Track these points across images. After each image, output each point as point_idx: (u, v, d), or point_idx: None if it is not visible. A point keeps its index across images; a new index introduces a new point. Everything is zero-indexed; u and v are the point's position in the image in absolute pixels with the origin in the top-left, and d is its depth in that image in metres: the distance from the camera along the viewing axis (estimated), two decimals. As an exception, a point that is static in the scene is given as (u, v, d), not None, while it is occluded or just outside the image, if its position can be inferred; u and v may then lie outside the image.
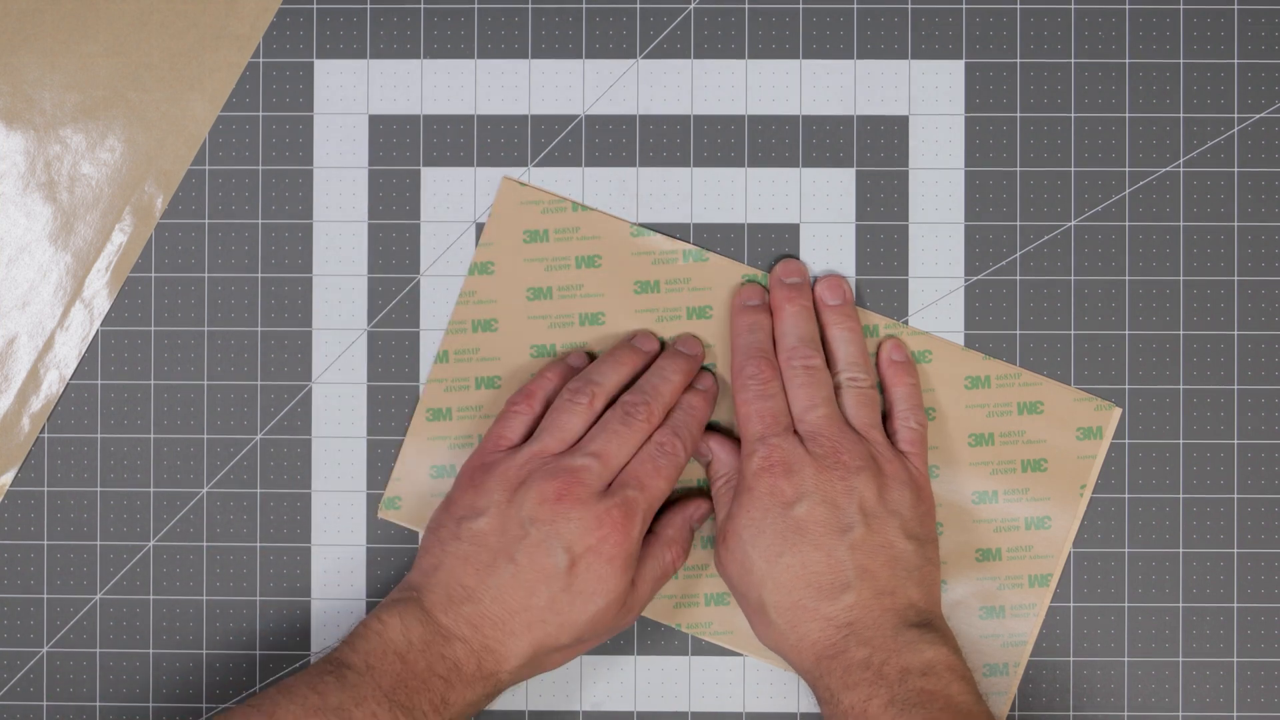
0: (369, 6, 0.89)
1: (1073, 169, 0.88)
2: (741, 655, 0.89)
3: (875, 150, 0.89)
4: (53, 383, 0.89)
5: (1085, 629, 0.88)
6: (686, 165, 0.89)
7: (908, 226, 0.89)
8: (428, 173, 0.89)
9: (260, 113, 0.89)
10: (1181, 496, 0.88)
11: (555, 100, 0.89)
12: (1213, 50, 0.88)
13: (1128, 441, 0.88)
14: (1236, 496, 0.88)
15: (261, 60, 0.89)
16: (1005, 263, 0.88)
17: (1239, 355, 0.88)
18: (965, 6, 0.89)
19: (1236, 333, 0.88)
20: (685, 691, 0.89)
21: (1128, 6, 0.88)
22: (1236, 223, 0.88)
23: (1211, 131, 0.88)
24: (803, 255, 0.89)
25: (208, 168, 0.89)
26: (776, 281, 0.88)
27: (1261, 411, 0.88)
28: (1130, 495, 0.88)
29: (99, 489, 0.89)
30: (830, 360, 0.86)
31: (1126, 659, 0.88)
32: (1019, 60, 0.88)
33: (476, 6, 0.89)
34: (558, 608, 0.80)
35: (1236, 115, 0.88)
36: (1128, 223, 0.88)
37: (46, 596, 0.89)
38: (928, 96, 0.89)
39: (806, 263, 0.88)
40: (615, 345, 0.87)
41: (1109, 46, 0.88)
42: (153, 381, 0.89)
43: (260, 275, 0.89)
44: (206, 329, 0.89)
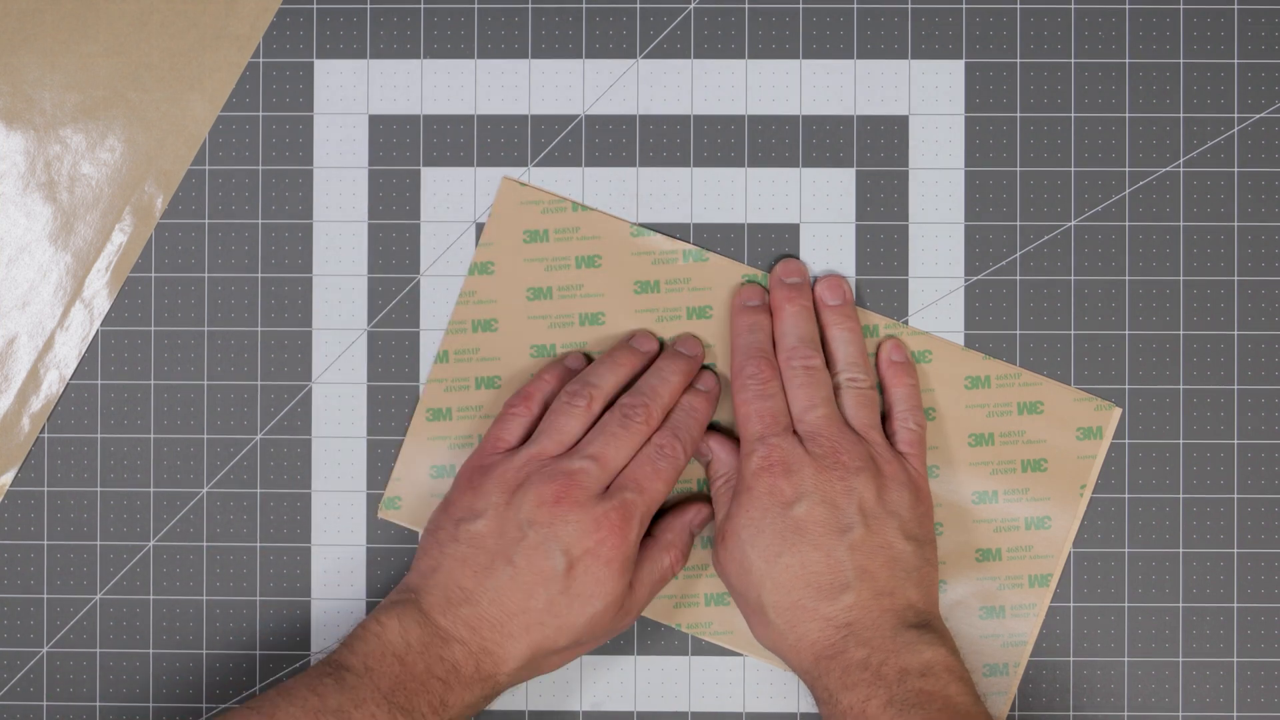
0: (369, 6, 0.89)
1: (1073, 169, 0.88)
2: (741, 655, 0.89)
3: (875, 150, 0.89)
4: (53, 383, 0.89)
5: (1085, 629, 0.88)
6: (686, 165, 0.89)
7: (908, 226, 0.89)
8: (428, 173, 0.89)
9: (260, 113, 0.89)
10: (1181, 496, 0.88)
11: (555, 100, 0.89)
12: (1213, 50, 0.88)
13: (1128, 441, 0.88)
14: (1236, 496, 0.88)
15: (261, 60, 0.89)
16: (1005, 263, 0.88)
17: (1239, 355, 0.88)
18: (965, 6, 0.88)
19: (1236, 333, 0.88)
20: (685, 691, 0.89)
21: (1128, 6, 0.88)
22: (1236, 223, 0.88)
23: (1211, 131, 0.88)
24: (803, 255, 0.89)
25: (208, 168, 0.89)
26: (776, 281, 0.87)
27: (1261, 411, 0.88)
28: (1130, 495, 0.88)
29: (99, 489, 0.89)
30: (830, 360, 0.86)
31: (1126, 659, 0.88)
32: (1019, 60, 0.88)
33: (476, 6, 0.89)
34: (556, 610, 0.80)
35: (1236, 115, 0.88)
36: (1128, 223, 0.88)
37: (46, 596, 0.89)
38: (928, 96, 0.88)
39: (806, 263, 0.88)
40: (614, 346, 0.87)
41: (1109, 46, 0.88)
42: (153, 381, 0.89)
43: (260, 275, 0.89)
44: (206, 329, 0.89)
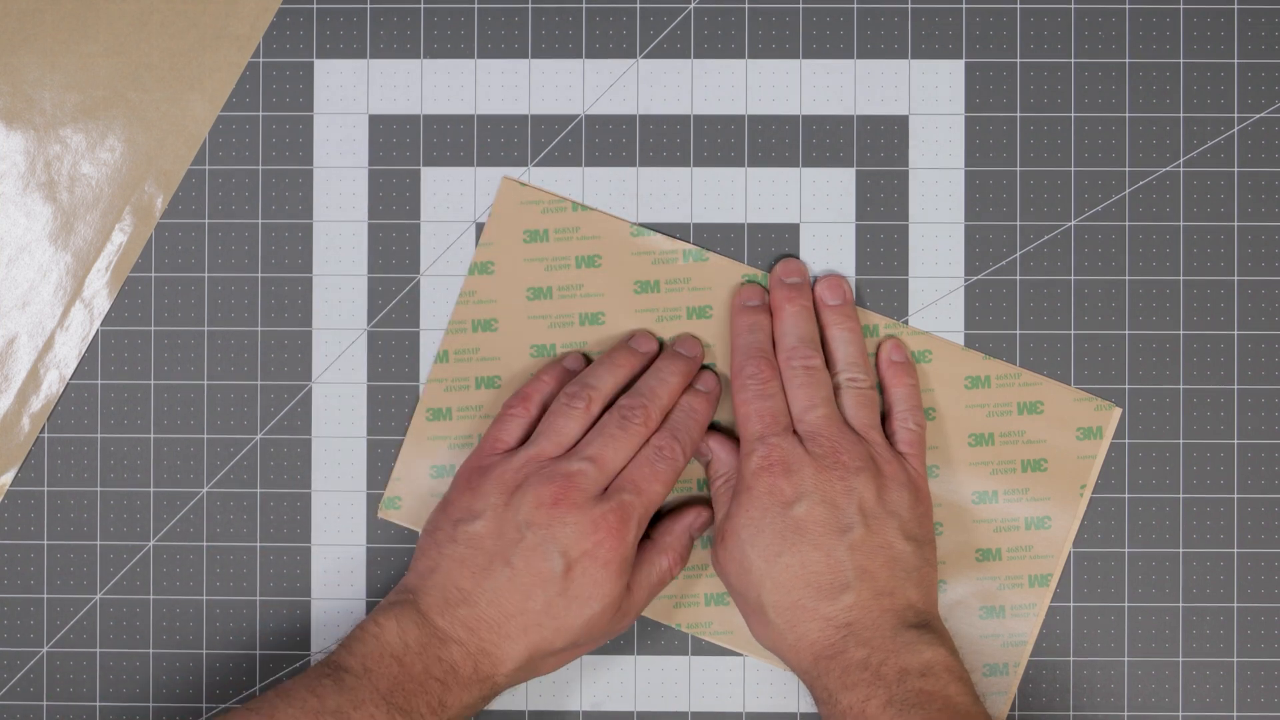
0: (369, 6, 0.89)
1: (1073, 169, 0.88)
2: (741, 655, 0.89)
3: (875, 150, 0.88)
4: (53, 383, 0.89)
5: (1085, 629, 0.88)
6: (686, 165, 0.89)
7: (908, 226, 0.88)
8: (428, 173, 0.89)
9: (260, 113, 0.89)
10: (1181, 496, 0.88)
11: (555, 100, 0.89)
12: (1213, 50, 0.88)
13: (1128, 441, 0.88)
14: (1236, 496, 0.88)
15: (261, 60, 0.89)
16: (1005, 263, 0.88)
17: (1239, 355, 0.88)
18: (965, 6, 0.88)
19: (1236, 333, 0.88)
20: (685, 691, 0.89)
21: (1128, 6, 0.88)
22: (1236, 223, 0.88)
23: (1211, 131, 0.88)
24: (803, 255, 0.89)
25: (208, 168, 0.89)
26: (776, 281, 0.87)
27: (1261, 411, 0.88)
28: (1130, 495, 0.88)
29: (99, 489, 0.89)
30: (830, 360, 0.86)
31: (1126, 659, 0.88)
32: (1019, 60, 0.88)
33: (476, 6, 0.89)
34: (553, 611, 0.80)
35: (1236, 115, 0.88)
36: (1128, 223, 0.88)
37: (46, 596, 0.89)
38: (928, 96, 0.88)
39: (806, 263, 0.88)
40: (613, 347, 0.87)
41: (1109, 46, 0.88)
42: (153, 381, 0.89)
43: (260, 275, 0.89)
44: (206, 329, 0.89)
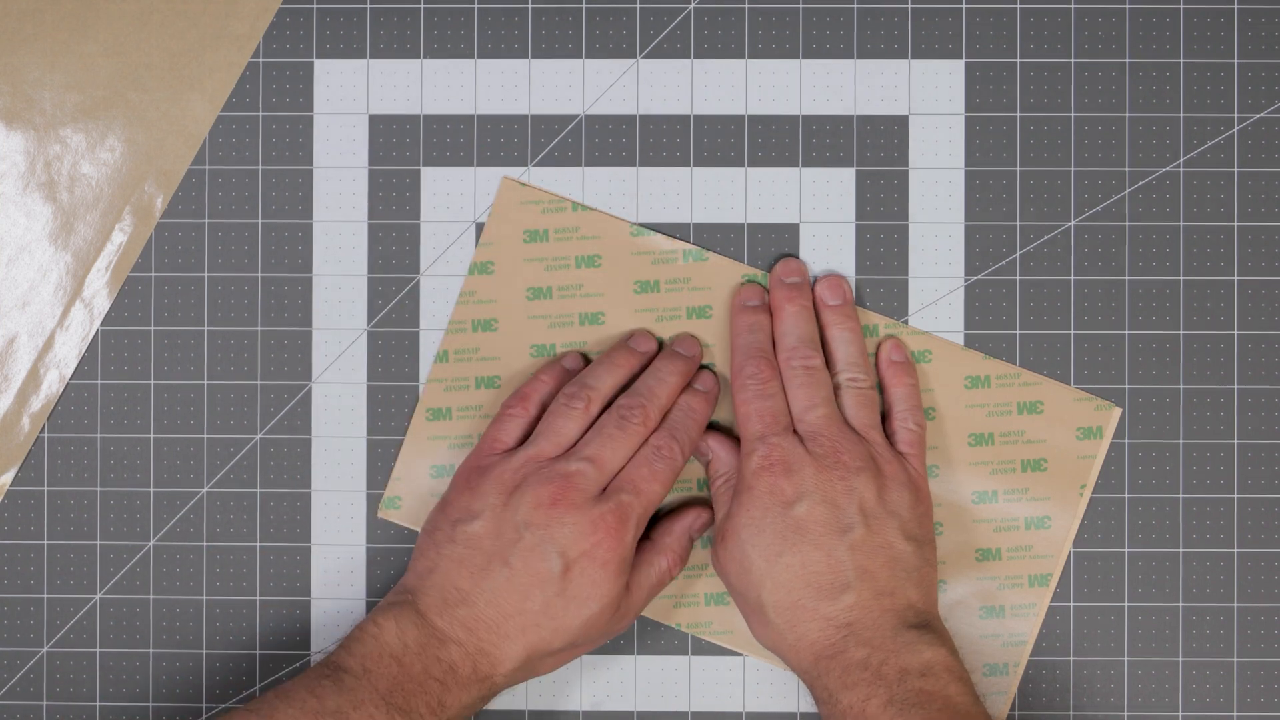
0: (369, 6, 0.89)
1: (1073, 169, 0.88)
2: (741, 655, 0.89)
3: (875, 150, 0.88)
4: (53, 382, 0.89)
5: (1085, 629, 0.88)
6: (686, 165, 0.89)
7: (908, 226, 0.88)
8: (428, 172, 0.89)
9: (260, 112, 0.89)
10: (1181, 496, 0.88)
11: (555, 100, 0.89)
12: (1213, 50, 0.88)
13: (1128, 441, 0.88)
14: (1236, 496, 0.88)
15: (261, 60, 0.89)
16: (1005, 263, 0.88)
17: (1239, 355, 0.88)
18: (965, 6, 0.88)
19: (1236, 333, 0.88)
20: (685, 691, 0.89)
21: (1128, 6, 0.88)
22: (1236, 223, 0.88)
23: (1211, 131, 0.88)
24: (803, 255, 0.89)
25: (208, 168, 0.89)
26: (776, 281, 0.87)
27: (1261, 411, 0.88)
28: (1130, 495, 0.88)
29: (99, 489, 0.89)
30: (830, 360, 0.86)
31: (1126, 659, 0.88)
32: (1019, 60, 0.88)
33: (476, 6, 0.89)
34: (552, 612, 0.80)
35: (1236, 115, 0.88)
36: (1128, 223, 0.88)
37: (46, 596, 0.89)
38: (928, 96, 0.88)
39: (806, 262, 0.88)
40: (612, 347, 0.87)
41: (1109, 46, 0.88)
42: (153, 381, 0.89)
43: (260, 275, 0.89)
44: (206, 329, 0.89)
